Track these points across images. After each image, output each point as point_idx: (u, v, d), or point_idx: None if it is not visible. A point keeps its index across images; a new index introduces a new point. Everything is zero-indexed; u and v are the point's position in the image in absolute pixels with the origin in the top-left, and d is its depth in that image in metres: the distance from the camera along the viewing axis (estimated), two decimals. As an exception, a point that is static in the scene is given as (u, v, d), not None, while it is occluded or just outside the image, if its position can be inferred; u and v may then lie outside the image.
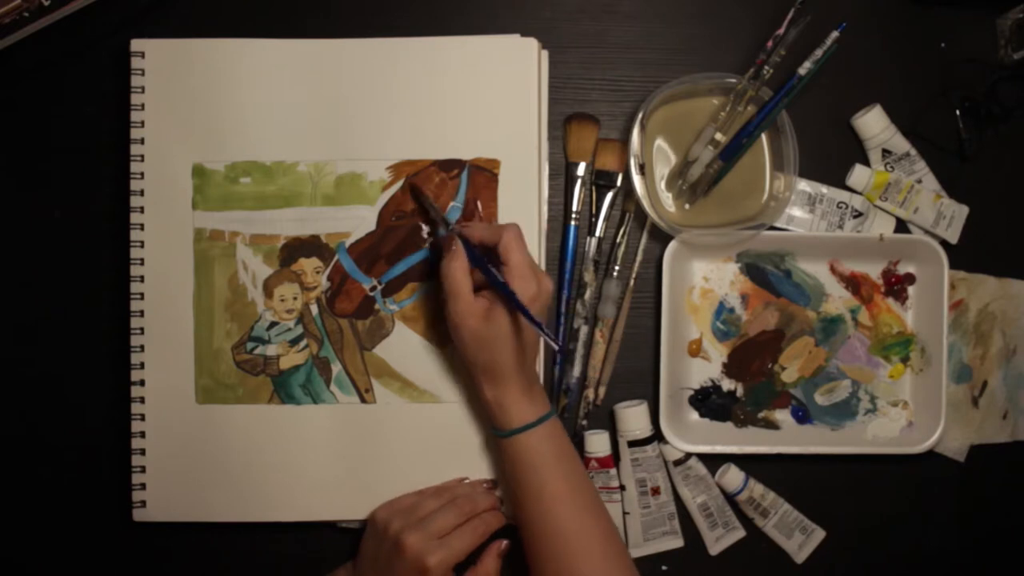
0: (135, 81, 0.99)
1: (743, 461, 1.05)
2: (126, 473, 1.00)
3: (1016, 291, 1.07)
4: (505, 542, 0.97)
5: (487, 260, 0.92)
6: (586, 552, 0.92)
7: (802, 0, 1.00)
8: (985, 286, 1.07)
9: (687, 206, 1.04)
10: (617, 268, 1.05)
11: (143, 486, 1.00)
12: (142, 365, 1.00)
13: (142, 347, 1.00)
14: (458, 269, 0.91)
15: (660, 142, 1.04)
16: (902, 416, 1.06)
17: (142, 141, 0.99)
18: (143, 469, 1.00)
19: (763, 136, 1.03)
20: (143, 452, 1.00)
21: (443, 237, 0.96)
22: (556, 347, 0.92)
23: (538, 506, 0.93)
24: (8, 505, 1.04)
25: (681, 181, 1.03)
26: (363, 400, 1.01)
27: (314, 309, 1.01)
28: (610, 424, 1.05)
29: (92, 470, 1.04)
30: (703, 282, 1.06)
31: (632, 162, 1.01)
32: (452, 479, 1.01)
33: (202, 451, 1.00)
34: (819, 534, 1.05)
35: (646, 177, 1.02)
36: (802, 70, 0.99)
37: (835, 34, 0.99)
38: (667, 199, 1.04)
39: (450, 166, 1.00)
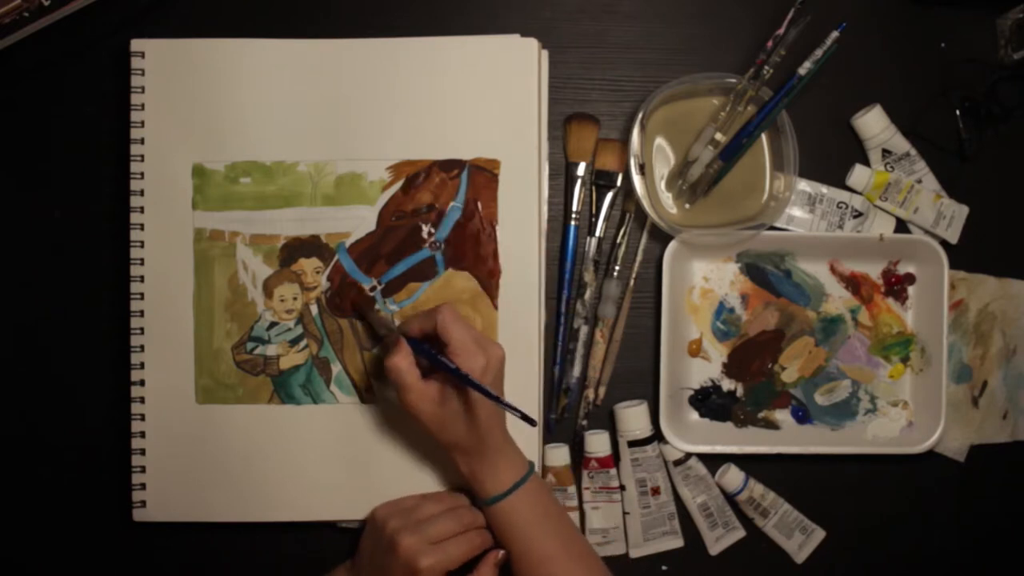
0: (135, 81, 0.99)
1: (743, 461, 1.05)
2: (126, 473, 1.00)
3: (1016, 291, 1.07)
4: (502, 552, 0.97)
5: (436, 348, 0.92)
6: None
7: (802, 0, 1.00)
8: (985, 286, 1.07)
9: (687, 206, 1.04)
10: (617, 268, 1.05)
11: (143, 486, 1.00)
12: (142, 365, 1.00)
13: (142, 347, 1.00)
14: (400, 361, 0.91)
15: (660, 142, 1.04)
16: (902, 416, 1.06)
17: (142, 141, 0.99)
18: (143, 469, 1.00)
19: (763, 136, 1.03)
20: (143, 452, 1.00)
21: (387, 338, 0.97)
22: (529, 422, 0.88)
23: (532, 566, 0.94)
24: (8, 505, 1.04)
25: (681, 181, 1.03)
26: (363, 400, 1.01)
27: (314, 309, 1.01)
28: (610, 424, 1.05)
29: (92, 470, 1.04)
30: (703, 282, 1.06)
31: (632, 162, 1.01)
32: (457, 494, 1.01)
33: (202, 451, 1.00)
34: (819, 534, 1.05)
35: (646, 177, 1.02)
36: (802, 70, 0.99)
37: (835, 34, 0.99)
38: (667, 199, 1.04)
39: (450, 166, 1.00)
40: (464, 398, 0.92)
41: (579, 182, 1.04)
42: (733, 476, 1.03)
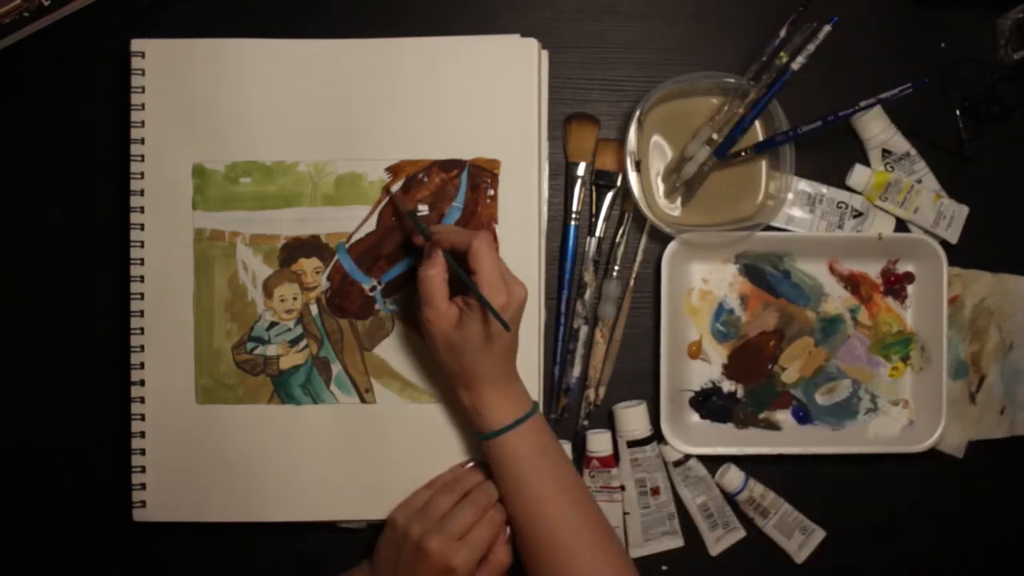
0: (135, 81, 0.99)
1: (743, 461, 1.05)
2: (126, 473, 1.00)
3: (1012, 286, 1.07)
4: (509, 529, 0.97)
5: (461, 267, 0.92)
6: (576, 549, 0.92)
7: (804, 4, 1.00)
8: (980, 282, 1.07)
9: (680, 203, 1.04)
10: (617, 268, 1.05)
11: (143, 486, 1.00)
12: (142, 365, 1.00)
13: (142, 347, 1.00)
14: (436, 276, 0.91)
15: (657, 140, 1.04)
16: (903, 415, 1.06)
17: (142, 141, 0.99)
18: (143, 469, 1.00)
19: (760, 136, 1.03)
20: (143, 452, 1.00)
21: (425, 245, 0.96)
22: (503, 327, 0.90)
23: (525, 506, 0.93)
24: (8, 505, 1.05)
25: (675, 177, 1.03)
26: (363, 400, 1.01)
27: (314, 309, 1.01)
28: (610, 424, 1.05)
29: (92, 470, 1.04)
30: (702, 284, 1.06)
31: (628, 159, 1.01)
32: (456, 464, 1.01)
33: (202, 451, 1.00)
34: (819, 534, 1.06)
35: (642, 174, 1.02)
36: (795, 65, 0.99)
37: (827, 28, 0.99)
38: (662, 196, 1.04)
39: (450, 166, 1.00)
40: (483, 327, 0.91)
41: (579, 182, 1.04)
42: (733, 476, 1.03)
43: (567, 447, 1.03)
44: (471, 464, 1.01)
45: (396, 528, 0.96)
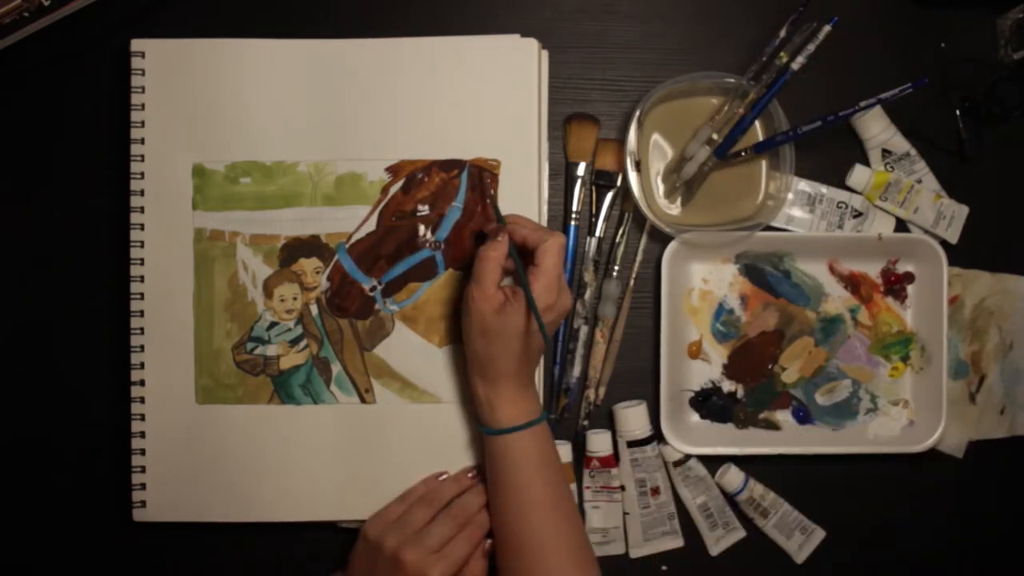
0: (135, 81, 0.99)
1: (743, 461, 1.05)
2: (126, 473, 1.00)
3: (1011, 286, 1.07)
4: (489, 542, 0.97)
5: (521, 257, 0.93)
6: (559, 561, 0.92)
7: (804, 4, 1.00)
8: (980, 282, 1.07)
9: (680, 203, 1.04)
10: (617, 268, 1.05)
11: (143, 486, 1.00)
12: (142, 365, 1.00)
13: (142, 347, 1.00)
14: (494, 258, 0.91)
15: (657, 139, 1.04)
16: (903, 415, 1.06)
17: (142, 141, 0.99)
18: (143, 469, 1.00)
19: (760, 136, 1.03)
20: (143, 452, 1.00)
21: (491, 227, 0.96)
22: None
23: (516, 510, 0.93)
24: (8, 505, 1.05)
25: (675, 177, 1.03)
26: (363, 400, 1.01)
27: (314, 309, 1.01)
28: (610, 424, 1.05)
29: (92, 470, 1.04)
30: (702, 284, 1.06)
31: (628, 159, 1.01)
32: (431, 475, 1.00)
33: (202, 451, 1.00)
34: (819, 534, 1.06)
35: (642, 174, 1.02)
36: (795, 65, 0.99)
37: (827, 28, 0.99)
38: (662, 196, 1.04)
39: (450, 166, 1.00)
40: (522, 321, 0.91)
41: (579, 182, 1.04)
42: (733, 476, 1.03)
43: (567, 447, 1.04)
44: (444, 476, 1.00)
45: (368, 541, 0.96)
